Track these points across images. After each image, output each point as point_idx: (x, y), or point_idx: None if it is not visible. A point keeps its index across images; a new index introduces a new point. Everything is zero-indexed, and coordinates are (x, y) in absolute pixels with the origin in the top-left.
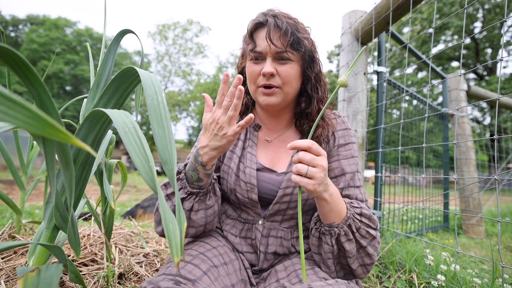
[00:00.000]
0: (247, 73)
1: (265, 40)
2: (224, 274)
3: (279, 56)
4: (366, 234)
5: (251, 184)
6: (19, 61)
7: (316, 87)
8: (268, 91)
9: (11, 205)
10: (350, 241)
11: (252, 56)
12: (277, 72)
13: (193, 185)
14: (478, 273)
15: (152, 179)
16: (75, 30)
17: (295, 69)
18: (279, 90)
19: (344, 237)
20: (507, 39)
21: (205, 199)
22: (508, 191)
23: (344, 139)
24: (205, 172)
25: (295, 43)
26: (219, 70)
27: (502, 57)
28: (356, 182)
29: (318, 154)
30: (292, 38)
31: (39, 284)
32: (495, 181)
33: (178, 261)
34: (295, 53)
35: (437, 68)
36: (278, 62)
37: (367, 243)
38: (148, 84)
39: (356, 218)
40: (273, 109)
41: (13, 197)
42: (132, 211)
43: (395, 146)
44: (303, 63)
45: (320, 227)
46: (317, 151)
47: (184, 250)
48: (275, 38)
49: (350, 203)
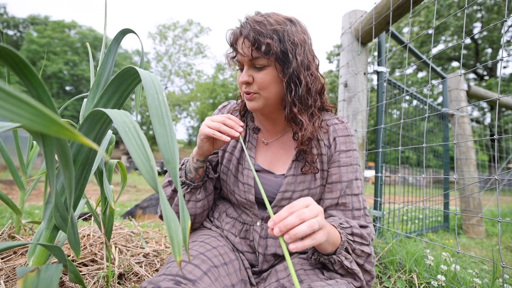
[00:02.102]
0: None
1: (239, 49)
2: (224, 274)
3: (253, 63)
4: (361, 253)
5: (248, 185)
6: (18, 61)
7: (289, 89)
8: (248, 97)
9: (11, 205)
10: (351, 262)
11: (235, 65)
12: (253, 79)
13: (186, 176)
14: (479, 273)
15: (153, 178)
16: (78, 31)
17: (271, 74)
18: (258, 95)
19: (347, 261)
20: (507, 39)
21: (195, 192)
22: (508, 191)
23: (345, 145)
24: (194, 165)
25: (259, 48)
26: (217, 70)
27: (502, 57)
28: (354, 190)
29: (306, 205)
30: (256, 44)
31: (39, 284)
32: (496, 181)
33: (180, 260)
34: (266, 57)
35: (437, 68)
36: (255, 69)
37: (363, 261)
38: (148, 83)
39: (350, 240)
40: (260, 112)
41: (12, 197)
42: (131, 211)
43: (395, 146)
44: (281, 64)
45: (319, 257)
46: (303, 204)
47: (184, 249)
48: (243, 47)
49: (340, 224)
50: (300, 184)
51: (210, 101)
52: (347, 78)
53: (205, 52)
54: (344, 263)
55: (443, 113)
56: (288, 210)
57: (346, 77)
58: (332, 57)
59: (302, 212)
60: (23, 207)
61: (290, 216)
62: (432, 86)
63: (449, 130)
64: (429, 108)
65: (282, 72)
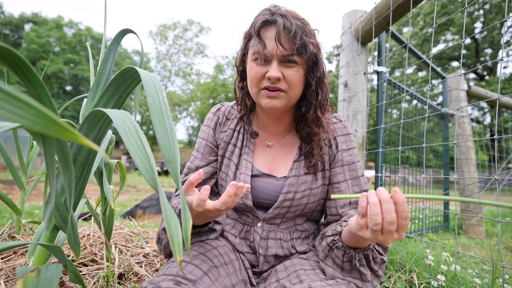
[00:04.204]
0: (249, 74)
1: (273, 41)
2: (224, 274)
3: (285, 59)
4: (380, 260)
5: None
6: (18, 61)
7: (316, 93)
8: (272, 94)
9: (11, 205)
10: (363, 266)
11: (256, 57)
12: (283, 75)
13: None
14: (479, 273)
15: (153, 177)
16: (77, 31)
17: (300, 73)
18: (284, 94)
19: (358, 262)
20: (507, 39)
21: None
22: (508, 191)
23: (346, 144)
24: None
25: (302, 47)
26: (217, 70)
27: (502, 57)
28: (363, 186)
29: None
30: (300, 42)
31: (38, 284)
32: (496, 181)
33: (180, 260)
34: (301, 57)
35: (437, 68)
36: (284, 65)
37: (378, 267)
38: (148, 83)
39: (375, 249)
40: (275, 112)
41: (12, 197)
42: (131, 212)
43: (395, 146)
44: (307, 67)
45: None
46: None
47: (185, 250)
48: (283, 40)
49: None
50: (302, 185)
51: (210, 101)
52: (347, 78)
53: (205, 51)
54: (354, 262)
55: (443, 113)
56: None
57: (346, 77)
58: (331, 57)
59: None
60: (23, 207)
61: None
62: (432, 86)
63: (449, 130)
64: (429, 108)
65: (311, 74)
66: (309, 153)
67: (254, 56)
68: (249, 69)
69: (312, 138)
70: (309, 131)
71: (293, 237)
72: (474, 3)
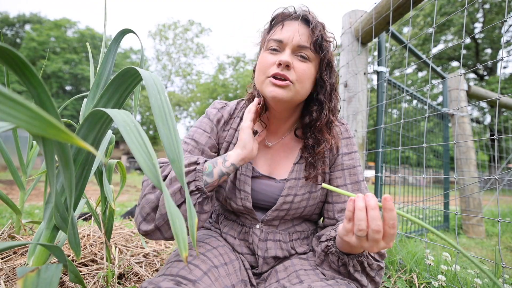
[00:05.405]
0: (258, 63)
1: (291, 31)
2: (224, 274)
3: (299, 51)
4: (376, 267)
5: (245, 192)
6: (18, 60)
7: (330, 96)
8: (279, 83)
9: (11, 205)
10: (357, 272)
11: (269, 46)
12: (294, 66)
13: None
14: (479, 274)
15: (156, 176)
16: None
17: (311, 70)
18: (292, 85)
19: (352, 268)
20: (507, 39)
21: (204, 203)
22: (508, 191)
23: (347, 148)
24: (224, 169)
25: (319, 43)
26: (218, 71)
27: (502, 57)
28: (363, 191)
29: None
30: (317, 38)
31: (38, 284)
32: (496, 181)
33: (186, 256)
34: (315, 55)
35: (437, 68)
36: (297, 58)
37: (375, 273)
38: (150, 83)
39: (371, 255)
40: (279, 104)
41: (12, 197)
42: (131, 211)
43: (395, 146)
44: (320, 68)
45: (332, 247)
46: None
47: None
48: (301, 31)
49: None
50: (301, 188)
51: (210, 101)
52: (347, 78)
53: (206, 52)
54: (348, 268)
55: (443, 113)
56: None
57: (346, 77)
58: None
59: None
60: (23, 207)
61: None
62: (432, 86)
63: (449, 130)
64: (429, 108)
65: (323, 75)
66: (311, 164)
67: (269, 44)
68: (260, 58)
69: (319, 144)
70: (319, 137)
71: (292, 238)
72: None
